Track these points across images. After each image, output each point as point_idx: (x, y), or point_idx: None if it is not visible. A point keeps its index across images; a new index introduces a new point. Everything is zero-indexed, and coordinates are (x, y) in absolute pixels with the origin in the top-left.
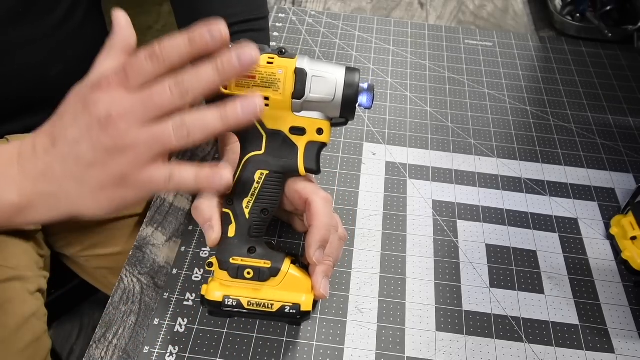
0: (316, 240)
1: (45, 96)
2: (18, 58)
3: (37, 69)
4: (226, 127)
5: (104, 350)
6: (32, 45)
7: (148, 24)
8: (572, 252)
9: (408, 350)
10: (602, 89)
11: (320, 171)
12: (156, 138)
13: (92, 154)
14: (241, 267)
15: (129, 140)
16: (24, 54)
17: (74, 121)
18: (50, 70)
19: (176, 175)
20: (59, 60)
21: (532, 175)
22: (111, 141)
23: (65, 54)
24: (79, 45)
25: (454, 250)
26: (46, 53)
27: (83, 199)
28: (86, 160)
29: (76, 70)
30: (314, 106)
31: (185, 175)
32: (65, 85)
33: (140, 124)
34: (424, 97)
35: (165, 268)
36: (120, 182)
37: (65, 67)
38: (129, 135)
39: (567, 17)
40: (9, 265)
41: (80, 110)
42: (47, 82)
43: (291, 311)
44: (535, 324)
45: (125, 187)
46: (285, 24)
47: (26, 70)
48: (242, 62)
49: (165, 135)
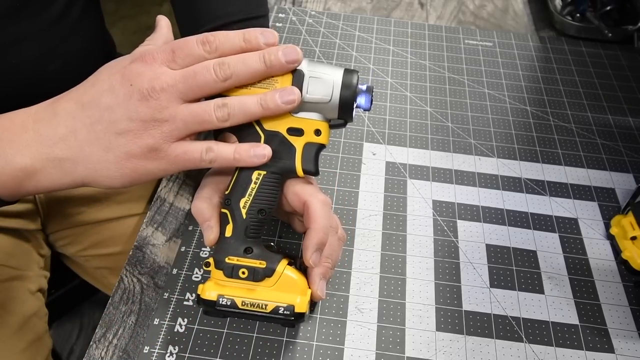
0: (313, 243)
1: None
2: (15, 54)
3: (34, 65)
4: (266, 112)
5: (104, 350)
6: (29, 41)
7: (148, 24)
8: (572, 252)
9: (408, 350)
10: (602, 89)
11: (318, 173)
12: (196, 116)
13: (126, 122)
14: (236, 267)
15: (167, 113)
16: (21, 49)
17: (110, 89)
18: (48, 67)
19: (214, 148)
20: (57, 56)
21: (532, 175)
22: (149, 112)
23: (63, 50)
24: (76, 42)
25: (454, 250)
26: (44, 49)
27: (105, 166)
28: (119, 127)
29: (74, 66)
30: (311, 107)
31: (224, 149)
32: (63, 81)
33: (181, 100)
34: (424, 97)
35: (165, 268)
36: (149, 154)
37: (63, 63)
38: (168, 109)
39: (567, 17)
40: (10, 264)
41: (118, 81)
42: (44, 78)
43: (285, 312)
44: (535, 324)
45: (154, 159)
46: (285, 24)
47: (23, 66)
48: (287, 58)
49: (206, 113)
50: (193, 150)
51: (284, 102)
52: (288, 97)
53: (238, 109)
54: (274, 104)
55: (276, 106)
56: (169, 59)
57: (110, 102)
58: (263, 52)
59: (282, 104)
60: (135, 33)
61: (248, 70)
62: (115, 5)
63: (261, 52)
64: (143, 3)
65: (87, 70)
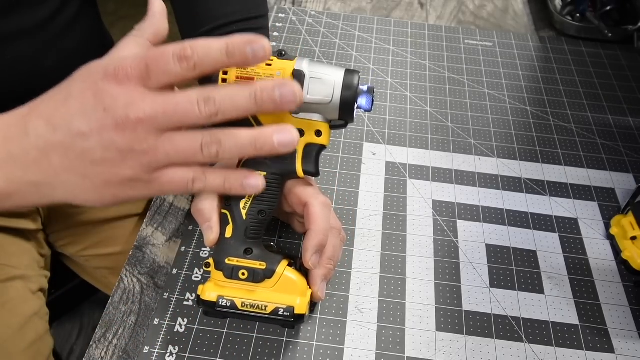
0: (313, 245)
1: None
2: (11, 50)
3: (30, 61)
4: (258, 153)
5: (104, 350)
6: (25, 37)
7: None
8: (572, 252)
9: (408, 350)
10: (602, 89)
11: (319, 174)
12: (180, 152)
13: (101, 151)
14: (236, 268)
15: (147, 145)
16: (17, 45)
17: (82, 112)
18: (44, 63)
19: (201, 178)
20: (53, 52)
21: (532, 175)
22: (126, 143)
23: (59, 47)
24: (72, 38)
25: (454, 250)
26: (39, 45)
27: (83, 190)
28: (94, 156)
29: (70, 62)
30: (312, 108)
31: (213, 179)
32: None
33: (161, 133)
34: (424, 97)
35: (165, 268)
36: (129, 183)
37: (58, 60)
38: (147, 141)
39: (567, 17)
40: (11, 264)
41: (90, 101)
42: (40, 74)
43: (285, 313)
44: (535, 324)
45: (134, 187)
46: (285, 24)
47: (19, 62)
48: (283, 100)
49: (191, 149)
50: (178, 180)
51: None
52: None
53: (228, 148)
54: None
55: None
56: (143, 76)
57: (82, 128)
58: (255, 89)
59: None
60: None
61: (236, 108)
62: (115, 6)
63: (253, 88)
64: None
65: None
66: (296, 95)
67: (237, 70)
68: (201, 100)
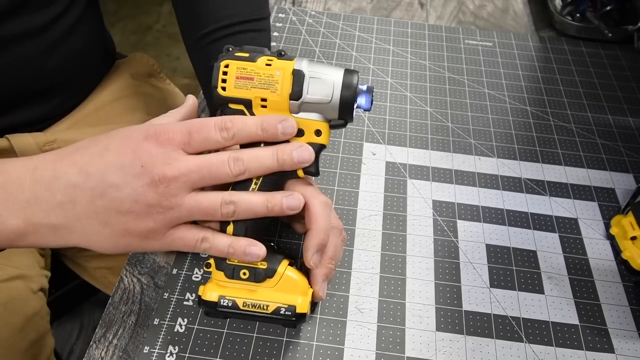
0: (314, 245)
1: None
2: (15, 51)
3: (33, 62)
4: (269, 213)
5: (104, 350)
6: (29, 39)
7: (148, 24)
8: (572, 252)
9: (408, 350)
10: (602, 89)
11: (319, 173)
12: (202, 209)
13: (130, 203)
14: (237, 268)
15: (174, 201)
16: (21, 47)
17: (119, 165)
18: (47, 64)
19: (209, 239)
20: (56, 53)
21: (532, 175)
22: (156, 198)
23: (62, 48)
24: (76, 39)
25: (454, 250)
26: (43, 46)
27: (100, 238)
28: (122, 207)
29: (73, 64)
30: (311, 107)
31: (219, 241)
32: (62, 78)
33: (190, 190)
34: (424, 97)
35: (165, 268)
36: (147, 234)
37: (61, 61)
38: (176, 197)
39: (567, 17)
40: (12, 264)
41: (129, 157)
42: (43, 75)
43: (286, 313)
44: (535, 324)
45: (150, 239)
46: (285, 24)
47: (23, 63)
48: (299, 159)
49: (213, 208)
50: (189, 237)
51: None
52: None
53: (244, 209)
54: (279, 208)
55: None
56: (184, 142)
57: (117, 180)
58: (277, 150)
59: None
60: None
61: (261, 167)
62: (115, 6)
63: (275, 149)
64: (143, 3)
65: (85, 69)
66: (311, 156)
67: (237, 69)
68: (231, 160)
